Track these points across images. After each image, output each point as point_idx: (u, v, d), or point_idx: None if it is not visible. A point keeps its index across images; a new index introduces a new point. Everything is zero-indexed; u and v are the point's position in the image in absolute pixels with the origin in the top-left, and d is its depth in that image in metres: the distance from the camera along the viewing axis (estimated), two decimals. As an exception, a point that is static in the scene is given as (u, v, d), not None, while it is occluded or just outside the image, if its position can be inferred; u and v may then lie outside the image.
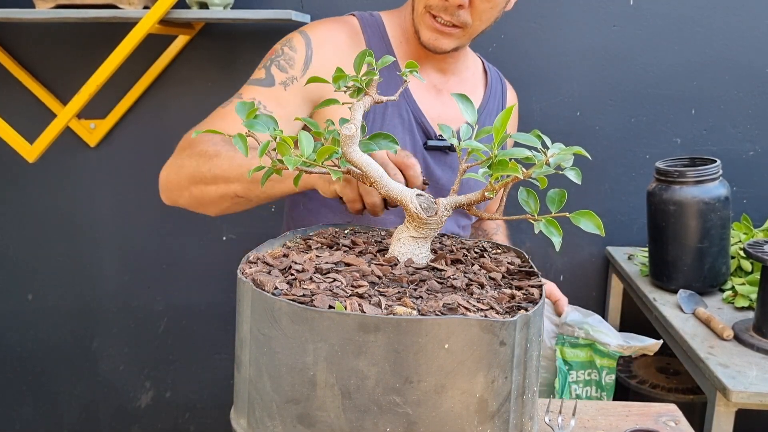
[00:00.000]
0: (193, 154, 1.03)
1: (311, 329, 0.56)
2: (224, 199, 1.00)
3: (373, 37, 1.21)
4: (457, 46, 1.18)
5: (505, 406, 0.58)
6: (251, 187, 0.95)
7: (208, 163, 0.99)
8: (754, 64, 2.01)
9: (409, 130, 1.21)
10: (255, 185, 0.94)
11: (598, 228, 0.66)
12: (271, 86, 1.14)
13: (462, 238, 0.84)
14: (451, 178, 1.24)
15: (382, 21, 1.24)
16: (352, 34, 1.20)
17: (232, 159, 0.97)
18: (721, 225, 1.67)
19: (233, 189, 0.97)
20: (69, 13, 1.73)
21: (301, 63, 1.15)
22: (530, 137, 0.66)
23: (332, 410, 0.56)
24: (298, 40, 1.18)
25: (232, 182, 0.96)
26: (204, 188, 1.01)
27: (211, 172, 0.99)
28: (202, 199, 1.02)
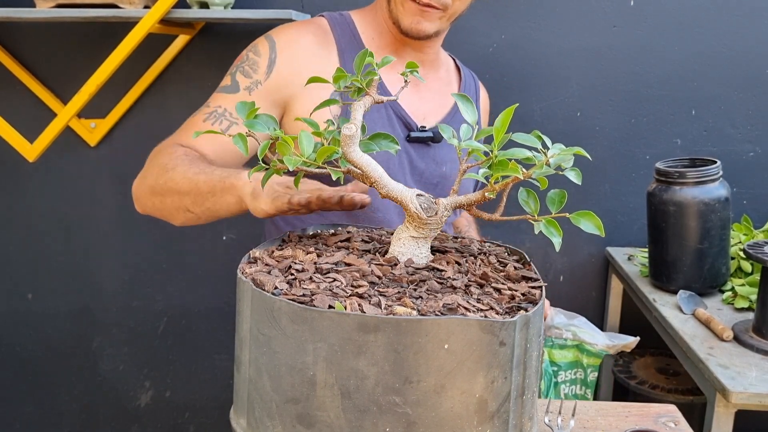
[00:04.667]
0: (154, 165, 1.05)
1: (311, 329, 0.56)
2: (179, 212, 1.01)
3: (343, 36, 1.19)
4: (437, 30, 1.17)
5: (504, 407, 0.58)
6: (198, 201, 0.96)
7: (164, 175, 1.01)
8: (755, 65, 2.01)
9: (390, 124, 1.19)
10: (201, 200, 0.95)
11: (598, 228, 0.66)
12: (235, 92, 1.14)
13: (466, 238, 0.84)
14: (434, 171, 1.23)
15: (352, 19, 1.23)
16: (320, 34, 1.19)
17: (184, 172, 0.98)
18: (721, 226, 1.67)
19: (184, 203, 0.98)
20: (69, 12, 1.74)
21: (265, 66, 1.14)
22: (530, 138, 0.66)
23: (332, 410, 0.56)
24: (263, 44, 1.17)
25: (183, 196, 0.98)
26: (162, 199, 1.02)
27: (166, 185, 1.00)
28: (162, 210, 1.04)
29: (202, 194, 0.95)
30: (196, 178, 0.96)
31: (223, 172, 0.95)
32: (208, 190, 0.94)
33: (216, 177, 0.94)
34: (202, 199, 0.95)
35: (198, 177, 0.96)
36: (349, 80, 0.73)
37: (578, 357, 1.34)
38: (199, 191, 0.95)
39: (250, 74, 1.15)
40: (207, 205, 0.95)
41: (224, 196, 0.92)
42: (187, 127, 1.14)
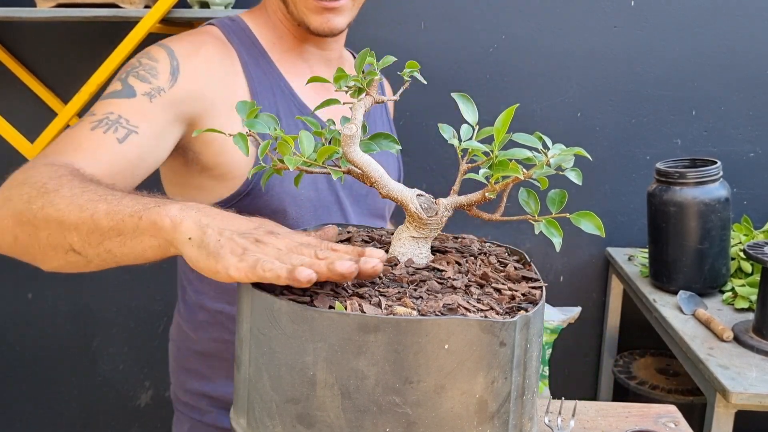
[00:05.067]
0: (23, 184, 0.76)
1: (311, 329, 0.56)
2: (56, 252, 0.73)
3: (242, 45, 1.07)
4: (349, 22, 1.09)
5: (504, 407, 0.58)
6: (91, 240, 0.69)
7: (40, 199, 0.72)
8: (755, 66, 2.01)
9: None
10: (98, 238, 0.69)
11: (599, 229, 0.66)
12: (131, 97, 0.94)
13: (467, 238, 0.84)
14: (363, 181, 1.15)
15: (246, 24, 1.10)
16: (218, 44, 1.05)
17: (73, 197, 0.71)
18: (721, 226, 1.67)
19: (68, 240, 0.70)
20: (70, 12, 1.74)
21: (167, 73, 0.97)
22: (531, 138, 0.66)
23: (332, 410, 0.56)
24: (158, 51, 1.01)
25: (67, 230, 0.70)
26: (32, 232, 0.73)
27: (43, 211, 0.71)
28: (29, 246, 0.75)
29: (99, 230, 0.68)
30: (93, 206, 0.69)
31: (137, 202, 0.68)
32: (110, 225, 0.68)
33: (126, 208, 0.68)
34: (100, 237, 0.68)
35: (96, 206, 0.69)
36: (349, 80, 0.72)
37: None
38: (95, 226, 0.68)
39: (147, 79, 0.96)
40: (106, 247, 0.68)
41: (138, 237, 0.67)
42: (66, 141, 0.89)
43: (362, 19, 2.06)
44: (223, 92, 1.01)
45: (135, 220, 0.66)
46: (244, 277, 0.58)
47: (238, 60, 1.05)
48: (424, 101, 2.07)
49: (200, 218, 0.64)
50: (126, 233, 0.67)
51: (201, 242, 0.61)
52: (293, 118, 1.05)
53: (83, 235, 0.70)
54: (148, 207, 0.66)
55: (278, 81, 1.07)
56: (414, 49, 2.04)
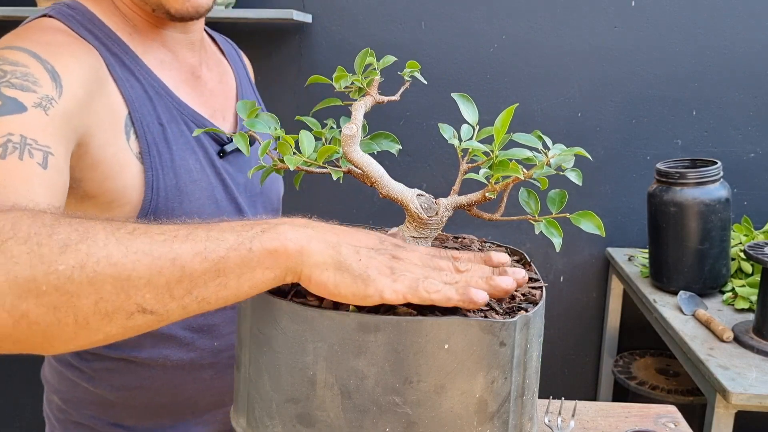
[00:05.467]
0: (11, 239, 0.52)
1: (311, 329, 0.56)
2: (111, 320, 0.53)
3: (95, 38, 0.88)
4: (211, 2, 0.96)
5: (504, 407, 0.58)
6: (175, 292, 0.54)
7: (70, 252, 0.52)
8: (755, 66, 2.01)
9: (200, 145, 0.93)
10: (188, 287, 0.54)
11: (599, 229, 0.66)
12: (21, 111, 0.74)
13: (467, 238, 0.84)
14: (254, 178, 1.01)
15: (92, 12, 0.90)
16: (72, 40, 0.85)
17: (129, 242, 0.54)
18: (721, 227, 1.67)
19: (136, 299, 0.53)
20: (70, 11, 1.73)
21: (47, 79, 0.77)
22: (531, 138, 0.66)
23: (332, 410, 0.56)
24: (14, 54, 0.79)
25: (135, 287, 0.53)
26: (62, 303, 0.52)
27: (84, 271, 0.52)
28: (50, 325, 0.52)
29: (189, 277, 0.54)
30: (167, 248, 0.54)
31: (227, 232, 0.56)
32: (205, 267, 0.54)
33: (221, 242, 0.55)
34: (189, 285, 0.54)
35: (172, 247, 0.54)
36: (349, 80, 0.72)
37: None
38: (182, 273, 0.54)
39: (28, 87, 0.76)
40: (198, 295, 0.54)
41: (248, 273, 0.55)
42: None
43: (362, 19, 2.07)
44: (100, 100, 0.83)
45: (241, 253, 0.55)
46: (401, 299, 0.55)
47: (101, 58, 0.86)
48: (424, 101, 2.07)
49: (325, 237, 0.57)
50: (229, 272, 0.55)
51: (339, 264, 0.55)
52: (177, 123, 0.91)
53: (161, 289, 0.54)
54: (253, 235, 0.56)
55: (150, 81, 0.90)
56: (414, 49, 2.05)
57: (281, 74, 2.10)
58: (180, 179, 0.88)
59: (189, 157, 0.90)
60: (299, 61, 2.09)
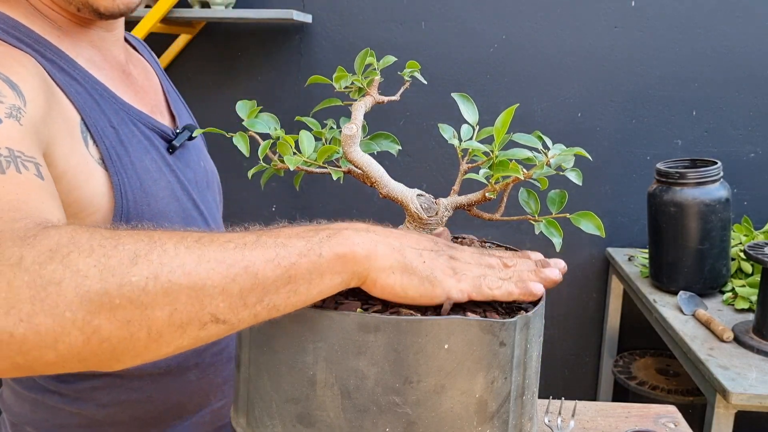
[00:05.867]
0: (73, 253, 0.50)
1: (311, 329, 0.56)
2: (184, 331, 0.53)
3: (20, 41, 0.81)
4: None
5: (504, 407, 0.58)
6: (248, 300, 0.53)
7: (142, 263, 0.51)
8: (755, 66, 2.01)
9: (150, 142, 0.90)
10: (259, 294, 0.53)
11: (599, 229, 0.66)
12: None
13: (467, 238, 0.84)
14: (200, 171, 0.99)
15: (10, 16, 0.84)
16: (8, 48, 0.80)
17: (201, 251, 0.53)
18: (721, 227, 1.67)
19: (210, 309, 0.53)
20: (70, 11, 1.73)
21: (7, 88, 0.73)
22: (531, 138, 0.66)
23: (332, 410, 0.56)
24: None
25: (209, 296, 0.52)
26: (135, 315, 0.51)
27: (158, 281, 0.51)
28: (122, 340, 0.51)
29: (262, 285, 0.53)
30: (239, 256, 0.53)
31: (294, 238, 0.55)
32: (277, 274, 0.53)
33: (290, 248, 0.54)
34: (262, 293, 0.53)
35: (244, 254, 0.53)
36: (349, 80, 0.73)
37: None
38: (255, 280, 0.53)
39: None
40: (269, 302, 0.54)
41: (317, 279, 0.55)
42: None
43: (362, 19, 2.07)
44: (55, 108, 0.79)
45: (312, 259, 0.54)
46: (466, 297, 0.57)
47: (38, 65, 0.80)
48: (424, 101, 2.07)
49: (389, 241, 0.58)
50: (299, 278, 0.54)
51: (406, 267, 0.56)
52: (126, 124, 0.87)
53: (235, 297, 0.53)
54: (321, 240, 0.55)
55: (90, 83, 0.86)
56: (414, 49, 2.05)
57: (281, 74, 2.10)
58: (143, 180, 0.86)
59: (145, 157, 0.87)
60: (299, 61, 2.09)
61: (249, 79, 2.10)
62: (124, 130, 0.86)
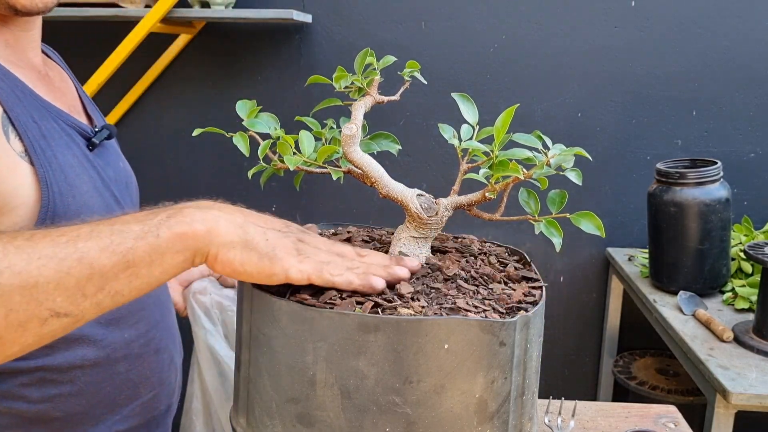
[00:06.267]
0: None
1: (311, 329, 0.56)
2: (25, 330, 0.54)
3: None
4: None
5: (504, 407, 0.58)
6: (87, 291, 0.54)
7: None
8: (756, 66, 2.01)
9: (71, 139, 0.89)
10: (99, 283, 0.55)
11: (599, 229, 0.66)
12: None
13: (466, 238, 0.84)
14: (120, 170, 0.99)
15: None
16: None
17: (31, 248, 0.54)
18: (721, 227, 1.67)
19: (47, 305, 0.54)
20: (70, 11, 1.74)
21: None
22: (531, 138, 0.66)
23: (332, 410, 0.56)
24: None
25: (44, 292, 0.53)
26: None
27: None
28: None
29: (99, 273, 0.55)
30: (72, 249, 0.54)
31: (132, 222, 0.58)
32: (114, 261, 0.55)
33: (126, 234, 0.56)
34: (101, 281, 0.55)
35: (77, 246, 0.54)
36: (349, 80, 0.73)
37: None
38: (91, 270, 0.54)
39: None
40: (111, 289, 0.56)
41: (158, 260, 0.56)
42: None
43: (362, 19, 2.07)
44: None
45: (149, 241, 0.56)
46: (306, 279, 0.58)
47: None
48: (424, 101, 2.07)
49: (233, 217, 0.59)
50: (138, 262, 0.56)
51: (247, 243, 0.58)
52: (47, 120, 0.86)
53: (72, 290, 0.54)
54: (159, 222, 0.58)
55: (11, 79, 0.85)
56: (414, 49, 2.05)
57: (281, 74, 2.10)
58: (67, 174, 0.85)
59: (67, 152, 0.87)
60: (299, 61, 2.09)
61: (249, 79, 2.10)
62: (46, 125, 0.85)
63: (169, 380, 1.01)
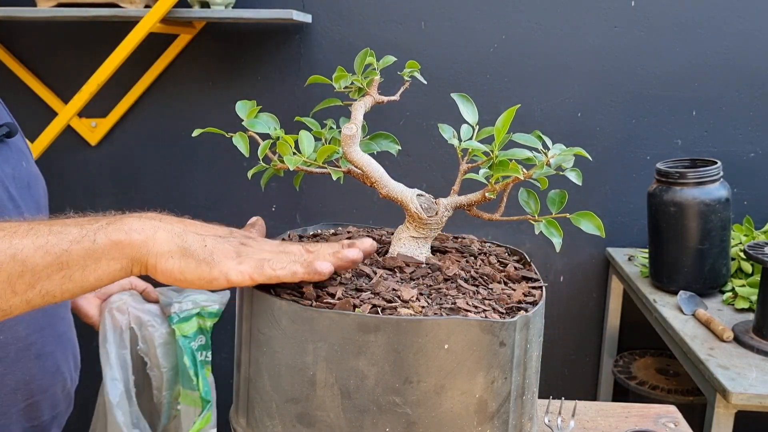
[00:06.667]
0: None
1: (311, 329, 0.56)
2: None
3: None
4: None
5: (504, 407, 0.58)
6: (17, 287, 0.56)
7: None
8: (755, 66, 2.01)
9: None
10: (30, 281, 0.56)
11: (599, 229, 0.66)
12: None
13: (466, 238, 0.84)
14: (21, 169, 0.96)
15: None
16: None
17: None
18: (721, 226, 1.67)
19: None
20: (70, 11, 1.74)
21: None
22: (531, 138, 0.66)
23: (332, 410, 0.56)
24: None
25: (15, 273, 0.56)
26: None
27: None
28: None
29: (31, 272, 0.55)
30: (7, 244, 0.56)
31: (72, 226, 0.58)
32: (48, 261, 0.56)
33: (64, 236, 0.57)
34: (32, 279, 0.56)
35: (12, 242, 0.56)
36: (349, 80, 0.73)
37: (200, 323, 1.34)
38: (23, 268, 0.55)
39: None
40: (42, 289, 0.56)
41: (92, 265, 0.57)
42: None
43: (362, 19, 2.07)
44: None
45: (85, 245, 0.56)
46: (248, 279, 0.57)
47: None
48: (424, 101, 2.07)
49: (171, 227, 0.59)
50: (72, 265, 0.56)
51: (185, 251, 0.57)
52: None
53: (2, 284, 0.55)
54: (98, 227, 0.57)
55: None
56: (414, 49, 2.04)
57: (281, 74, 2.10)
58: None
59: None
60: (299, 61, 2.09)
61: (249, 79, 2.10)
62: None
63: (53, 389, 0.95)
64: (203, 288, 0.58)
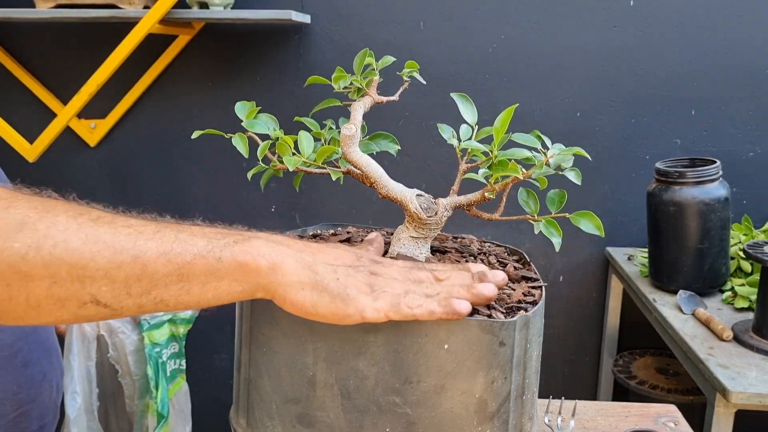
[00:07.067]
0: None
1: (311, 329, 0.56)
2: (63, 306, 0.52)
3: None
4: None
5: (504, 407, 0.58)
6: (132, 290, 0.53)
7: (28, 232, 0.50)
8: (755, 65, 2.01)
9: None
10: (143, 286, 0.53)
11: (598, 229, 0.66)
12: None
13: (466, 238, 0.84)
14: None
15: None
16: None
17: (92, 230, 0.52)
18: (720, 226, 1.67)
19: (90, 290, 0.52)
20: (69, 12, 1.74)
21: None
22: (530, 138, 0.66)
23: (332, 410, 0.56)
24: None
25: (91, 278, 0.51)
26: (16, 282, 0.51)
27: (40, 253, 0.50)
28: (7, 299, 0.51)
29: (150, 277, 0.53)
30: (132, 243, 0.53)
31: (199, 237, 0.55)
32: (168, 270, 0.53)
33: (189, 246, 0.54)
34: (149, 285, 0.53)
35: (136, 243, 0.53)
36: (348, 80, 0.73)
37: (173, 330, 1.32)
38: (143, 271, 0.52)
39: None
40: (156, 296, 0.53)
41: (213, 283, 0.54)
42: None
43: (362, 19, 2.07)
44: None
45: (209, 261, 0.53)
46: (383, 317, 0.54)
47: None
48: (424, 101, 2.07)
49: (301, 255, 0.56)
50: (192, 279, 0.53)
51: (316, 284, 0.54)
52: None
53: (119, 284, 0.52)
54: (224, 244, 0.54)
55: None
56: (413, 49, 2.05)
57: (280, 75, 2.10)
58: None
59: None
60: (298, 61, 2.09)
61: (248, 79, 2.10)
62: None
63: (41, 398, 0.93)
64: (334, 323, 0.55)
